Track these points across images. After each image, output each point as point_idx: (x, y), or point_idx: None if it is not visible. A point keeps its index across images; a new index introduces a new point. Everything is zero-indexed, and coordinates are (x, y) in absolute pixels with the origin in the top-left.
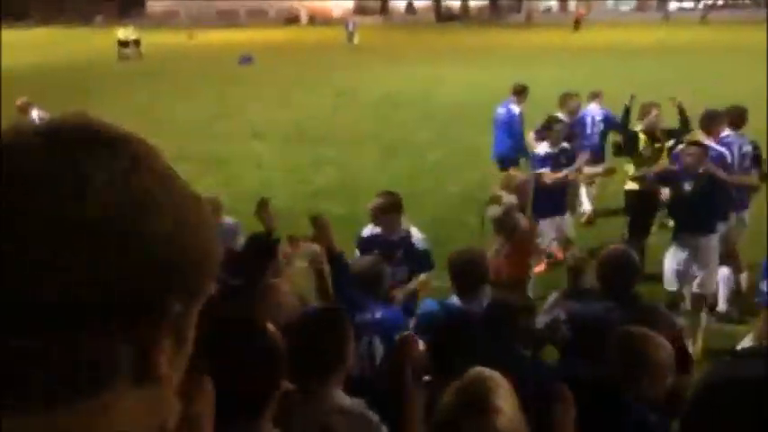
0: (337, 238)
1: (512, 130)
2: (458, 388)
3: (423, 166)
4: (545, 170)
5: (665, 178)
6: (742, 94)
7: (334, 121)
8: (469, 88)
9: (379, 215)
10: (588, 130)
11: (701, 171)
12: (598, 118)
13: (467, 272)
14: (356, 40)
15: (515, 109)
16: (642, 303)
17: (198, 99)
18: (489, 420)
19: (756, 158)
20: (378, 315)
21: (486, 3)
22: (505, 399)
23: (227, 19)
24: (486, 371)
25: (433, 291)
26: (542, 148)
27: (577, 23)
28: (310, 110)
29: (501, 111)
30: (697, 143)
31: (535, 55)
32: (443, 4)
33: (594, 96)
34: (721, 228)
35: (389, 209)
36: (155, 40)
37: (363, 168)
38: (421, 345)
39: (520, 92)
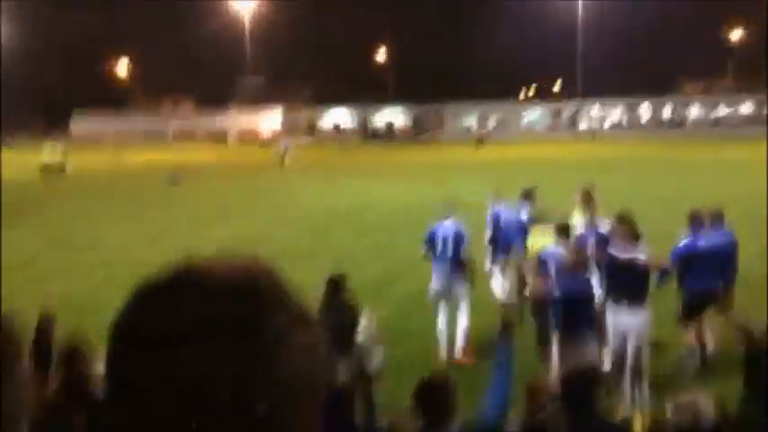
0: None
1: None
2: None
3: (363, 280)
4: None
5: None
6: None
7: (273, 238)
8: (399, 203)
9: None
10: (439, 251)
11: None
12: (450, 236)
13: (435, 400)
14: (287, 161)
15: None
16: None
17: (129, 220)
18: None
19: None
20: None
21: (410, 124)
22: None
23: (155, 138)
24: None
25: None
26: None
27: (480, 141)
28: (246, 229)
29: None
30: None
31: (456, 170)
32: (369, 124)
33: (451, 209)
34: None
35: None
36: (80, 159)
37: (303, 286)
38: None
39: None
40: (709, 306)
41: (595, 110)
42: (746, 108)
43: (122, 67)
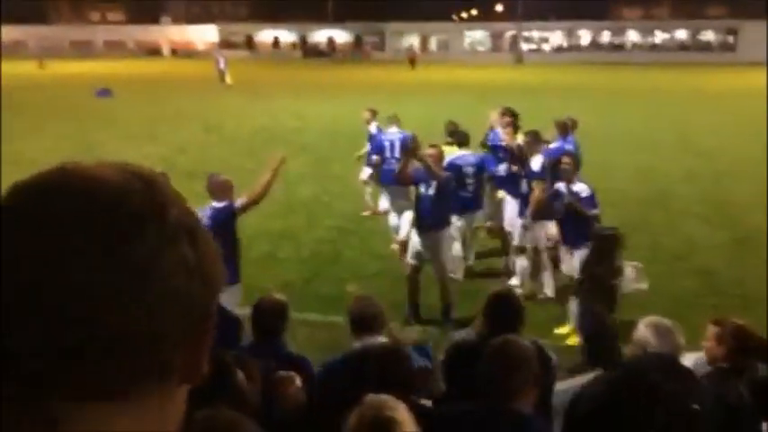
0: None
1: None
2: (360, 409)
3: (296, 200)
4: None
5: None
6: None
7: (204, 156)
8: (337, 122)
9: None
10: (388, 154)
11: None
12: (397, 142)
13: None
14: (228, 78)
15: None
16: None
17: (53, 134)
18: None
19: None
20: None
21: (351, 40)
22: (404, 415)
23: (82, 50)
24: (383, 395)
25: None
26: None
27: (413, 62)
28: (179, 145)
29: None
30: None
31: (398, 90)
32: (309, 40)
33: (394, 120)
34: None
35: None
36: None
37: None
38: (297, 381)
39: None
40: None
41: (535, 33)
42: (681, 35)
43: None
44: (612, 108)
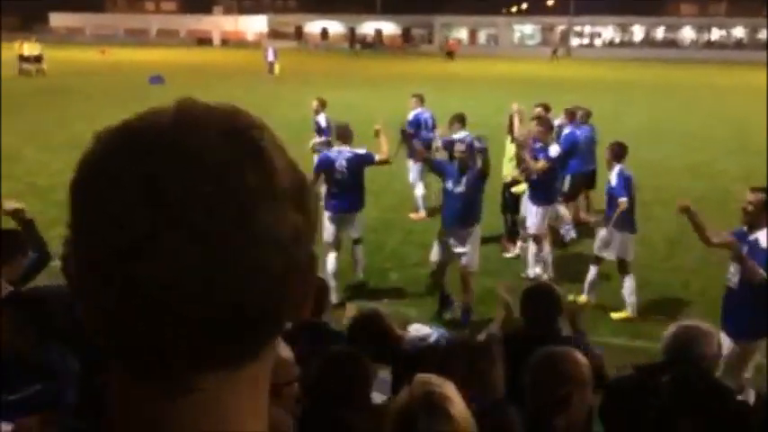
0: None
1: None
2: (410, 388)
3: None
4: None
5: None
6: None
7: None
8: (385, 113)
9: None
10: (423, 130)
11: None
12: (429, 120)
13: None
14: (277, 70)
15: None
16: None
17: (108, 118)
18: (444, 409)
19: None
20: None
21: (399, 32)
22: (454, 392)
23: (136, 37)
24: (432, 375)
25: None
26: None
27: (450, 54)
28: None
29: (579, 133)
30: None
31: (445, 82)
32: (357, 32)
33: (420, 98)
34: None
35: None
36: (58, 56)
37: None
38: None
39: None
40: (586, 186)
41: (587, 28)
42: (739, 32)
43: None
44: (666, 105)
